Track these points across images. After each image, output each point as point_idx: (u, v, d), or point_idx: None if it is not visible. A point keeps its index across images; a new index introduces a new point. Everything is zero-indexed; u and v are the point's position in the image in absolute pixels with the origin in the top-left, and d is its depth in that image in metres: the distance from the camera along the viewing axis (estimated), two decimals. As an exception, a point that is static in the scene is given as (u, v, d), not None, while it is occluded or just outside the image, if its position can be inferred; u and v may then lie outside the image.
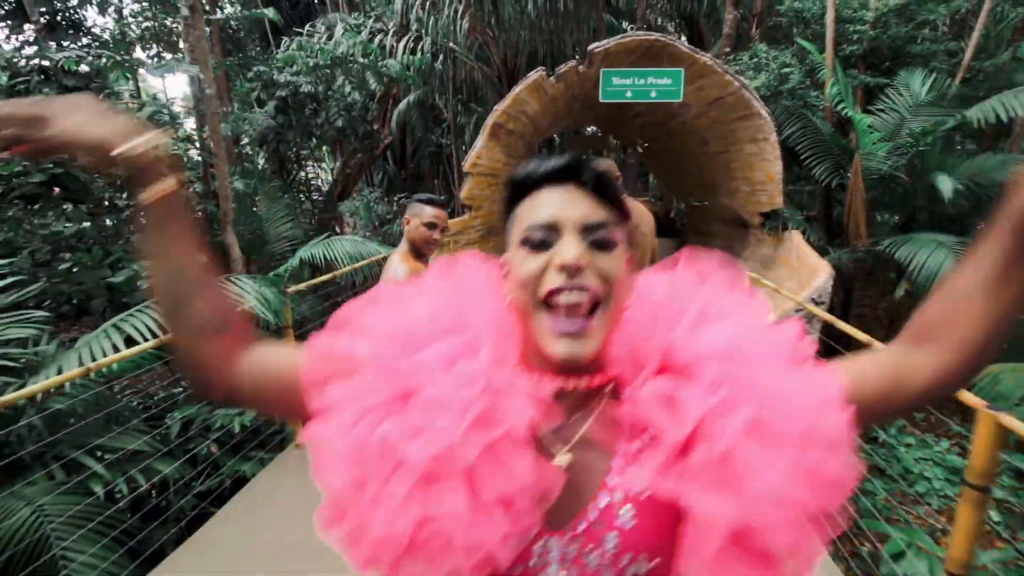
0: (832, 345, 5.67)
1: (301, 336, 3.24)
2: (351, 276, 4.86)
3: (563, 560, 0.57)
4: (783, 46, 8.71)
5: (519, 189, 0.62)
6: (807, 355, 0.60)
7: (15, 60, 5.26)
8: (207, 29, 5.46)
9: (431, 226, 2.02)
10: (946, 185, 5.12)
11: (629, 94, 5.96)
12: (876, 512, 3.97)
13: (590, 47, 5.85)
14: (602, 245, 0.58)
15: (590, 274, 0.56)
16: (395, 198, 7.97)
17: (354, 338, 0.61)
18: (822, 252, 6.60)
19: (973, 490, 1.43)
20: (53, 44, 9.80)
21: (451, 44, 8.05)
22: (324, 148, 9.90)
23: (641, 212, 2.73)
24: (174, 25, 13.77)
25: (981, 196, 5.82)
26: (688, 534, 0.55)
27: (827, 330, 4.13)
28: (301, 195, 7.78)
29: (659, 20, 19.49)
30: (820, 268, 4.46)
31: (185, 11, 5.04)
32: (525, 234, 0.59)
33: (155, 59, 17.64)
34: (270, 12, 6.23)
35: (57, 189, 4.02)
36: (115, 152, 0.58)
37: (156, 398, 3.65)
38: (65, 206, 4.12)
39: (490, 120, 5.93)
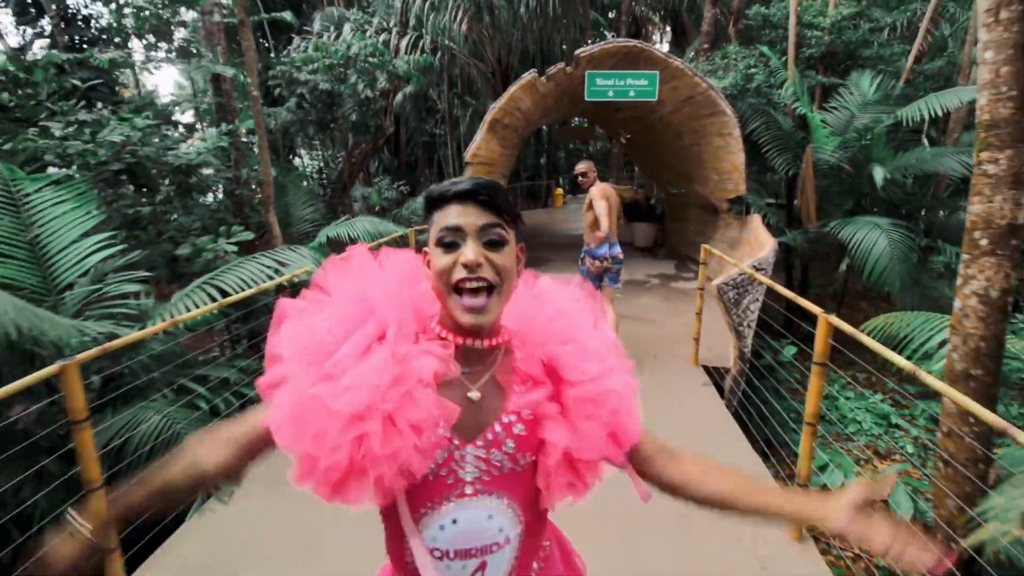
0: (789, 316, 6.54)
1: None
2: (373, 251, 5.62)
3: (476, 459, 0.80)
4: (755, 45, 9.51)
5: (436, 202, 0.79)
6: (621, 354, 0.88)
7: (23, 58, 5.92)
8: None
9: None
10: (879, 175, 5.99)
11: (611, 93, 6.74)
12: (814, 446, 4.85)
13: (577, 51, 6.60)
14: (494, 244, 0.77)
15: (487, 268, 0.75)
16: (397, 185, 8.67)
17: (279, 360, 0.77)
18: (780, 233, 7.49)
19: (818, 366, 2.26)
20: (67, 37, 10.26)
21: (449, 42, 8.73)
22: (318, 138, 10.50)
23: (607, 190, 4.18)
24: (170, 17, 14.13)
25: (911, 184, 6.72)
26: (543, 450, 0.82)
27: (789, 306, 4.99)
28: (313, 182, 8.44)
29: (645, 11, 20.16)
30: (767, 243, 5.31)
31: (218, 16, 5.68)
32: (439, 235, 0.77)
33: (151, 50, 17.98)
34: (288, 15, 6.86)
35: (124, 176, 4.72)
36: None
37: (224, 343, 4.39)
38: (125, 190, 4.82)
39: (488, 116, 6.67)
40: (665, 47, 24.04)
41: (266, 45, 12.42)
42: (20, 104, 6.79)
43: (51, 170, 4.48)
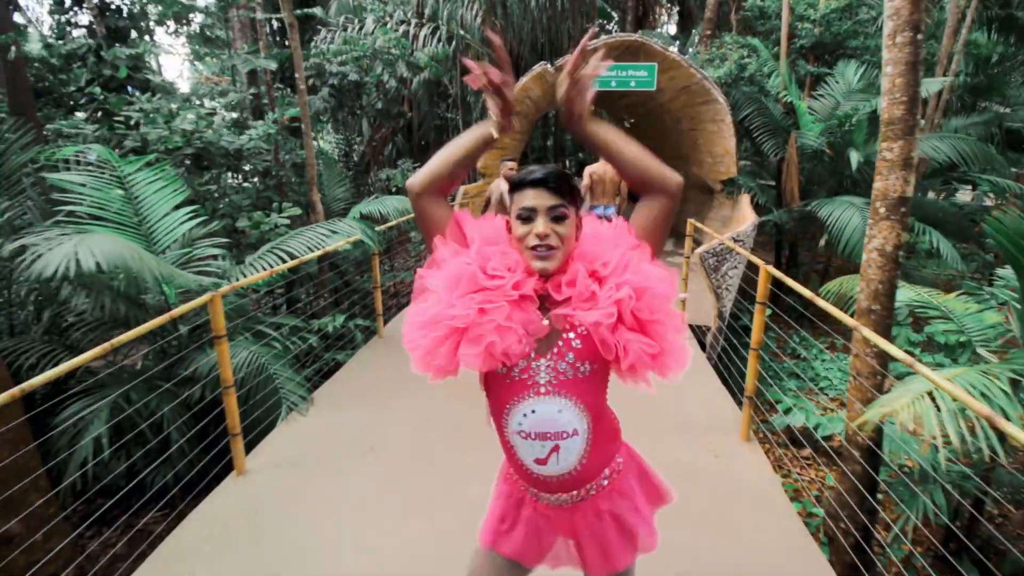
0: (774, 291, 7.25)
1: (383, 254, 4.76)
2: (405, 225, 6.34)
3: (547, 368, 1.07)
4: (752, 34, 10.05)
5: (516, 185, 1.08)
6: (646, 257, 1.08)
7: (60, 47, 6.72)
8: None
9: (511, 168, 4.73)
10: (854, 158, 6.63)
11: (613, 84, 7.37)
12: (786, 397, 5.61)
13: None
14: (559, 219, 1.05)
15: (552, 237, 1.05)
16: (415, 166, 9.36)
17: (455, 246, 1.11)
18: (768, 212, 8.16)
19: (760, 304, 2.99)
20: (104, 28, 10.91)
21: (463, 33, 9.32)
22: (344, 124, 11.17)
23: (595, 168, 5.77)
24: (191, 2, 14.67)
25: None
26: (606, 347, 1.04)
27: (776, 283, 5.69)
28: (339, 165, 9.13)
29: (652, -4, 20.42)
30: (748, 219, 5.99)
31: (260, 13, 6.34)
32: (518, 212, 1.06)
33: (175, 36, 18.54)
34: (317, 10, 7.50)
35: (189, 161, 5.45)
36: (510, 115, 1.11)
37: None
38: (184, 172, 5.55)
39: (501, 104, 7.32)
40: (673, 28, 24.30)
41: (268, 31, 13.01)
42: (56, 90, 7.61)
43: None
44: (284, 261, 4.16)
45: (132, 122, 5.41)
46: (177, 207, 4.18)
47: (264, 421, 3.47)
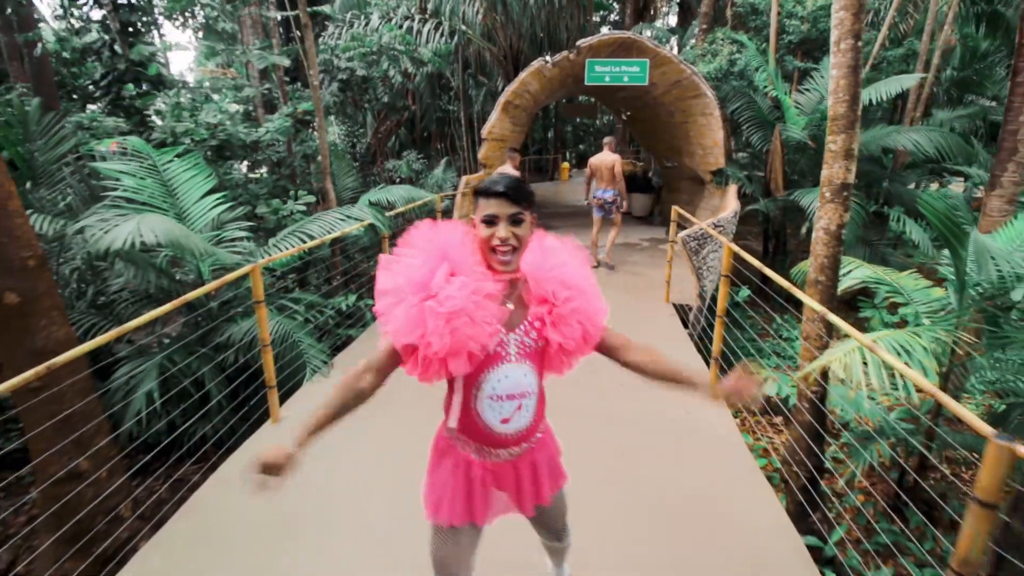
0: (763, 287, 7.67)
1: (392, 238, 5.24)
2: (409, 213, 6.77)
3: (515, 342, 1.31)
4: (743, 30, 10.39)
5: (482, 193, 1.25)
6: (593, 281, 1.38)
7: (72, 41, 7.14)
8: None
9: (512, 158, 5.22)
10: (833, 150, 7.02)
11: (607, 78, 7.76)
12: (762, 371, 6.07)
13: (579, 42, 7.61)
14: (517, 223, 1.24)
15: (512, 239, 1.23)
16: (419, 157, 9.77)
17: (394, 277, 1.25)
18: (755, 201, 8.57)
19: (725, 278, 3.44)
20: (118, 23, 11.28)
21: (465, 28, 9.70)
22: (335, 115, 11.58)
23: (596, 158, 6.60)
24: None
25: (863, 157, 7.75)
26: (547, 343, 1.34)
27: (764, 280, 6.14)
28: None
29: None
30: (730, 208, 6.42)
31: (275, 13, 6.73)
32: (483, 217, 1.24)
33: (180, 28, 18.83)
34: (327, 8, 7.89)
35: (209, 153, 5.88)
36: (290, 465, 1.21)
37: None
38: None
39: (502, 99, 7.73)
40: (673, 20, 24.53)
41: (280, 29, 13.39)
42: (69, 83, 8.06)
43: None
44: (305, 243, 4.62)
45: (156, 115, 5.84)
46: (206, 194, 4.63)
47: (290, 382, 3.94)
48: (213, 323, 4.19)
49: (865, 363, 2.85)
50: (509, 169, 6.14)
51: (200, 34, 19.87)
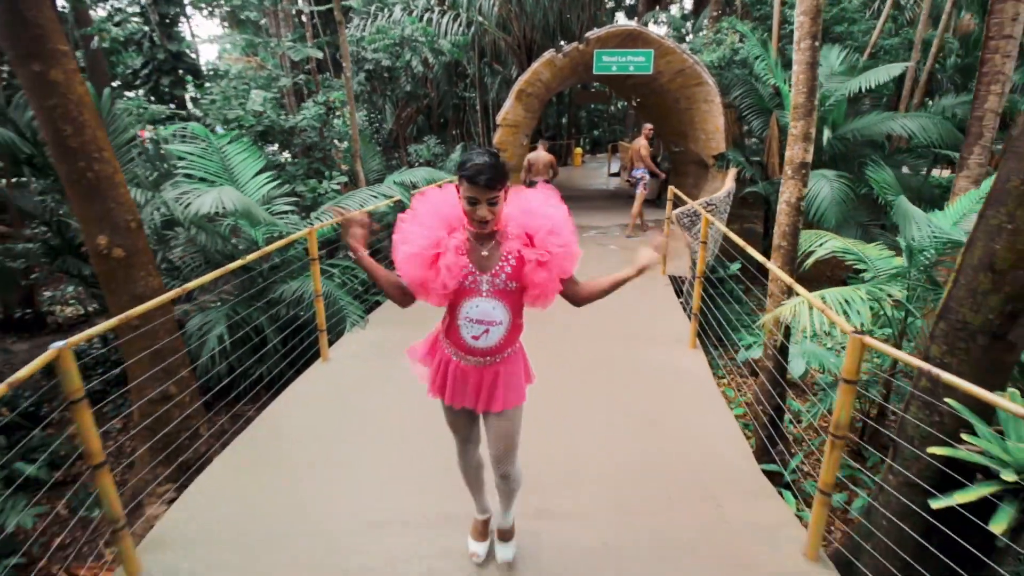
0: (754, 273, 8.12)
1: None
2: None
3: (487, 281, 1.70)
4: (750, 19, 10.76)
5: (468, 178, 1.53)
6: (571, 227, 1.73)
7: (111, 31, 7.89)
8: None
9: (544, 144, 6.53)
10: (825, 135, 7.50)
11: (614, 68, 8.28)
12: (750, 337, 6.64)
13: (587, 34, 8.13)
14: (493, 203, 1.56)
15: (488, 215, 1.58)
16: (437, 142, 10.40)
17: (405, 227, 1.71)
18: (753, 184, 9.06)
19: (702, 244, 4.03)
20: (157, 15, 12.03)
21: (481, 19, 10.24)
22: (362, 103, 12.23)
23: (633, 144, 7.48)
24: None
25: (859, 142, 8.20)
26: (526, 270, 1.70)
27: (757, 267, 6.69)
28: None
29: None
30: (724, 189, 6.96)
31: (307, 7, 7.35)
32: (466, 196, 1.57)
33: (208, 17, 19.55)
34: (353, 2, 8.49)
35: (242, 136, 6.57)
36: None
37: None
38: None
39: (515, 87, 8.31)
40: (689, 4, 24.60)
41: (313, 22, 14.03)
42: (109, 72, 8.79)
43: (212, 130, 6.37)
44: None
45: (191, 102, 6.54)
46: (257, 173, 5.32)
47: (331, 333, 4.65)
48: (266, 283, 4.91)
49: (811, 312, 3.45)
50: (542, 152, 7.80)
51: (226, 24, 20.59)
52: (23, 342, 6.77)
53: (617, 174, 17.24)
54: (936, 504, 2.24)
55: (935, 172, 11.19)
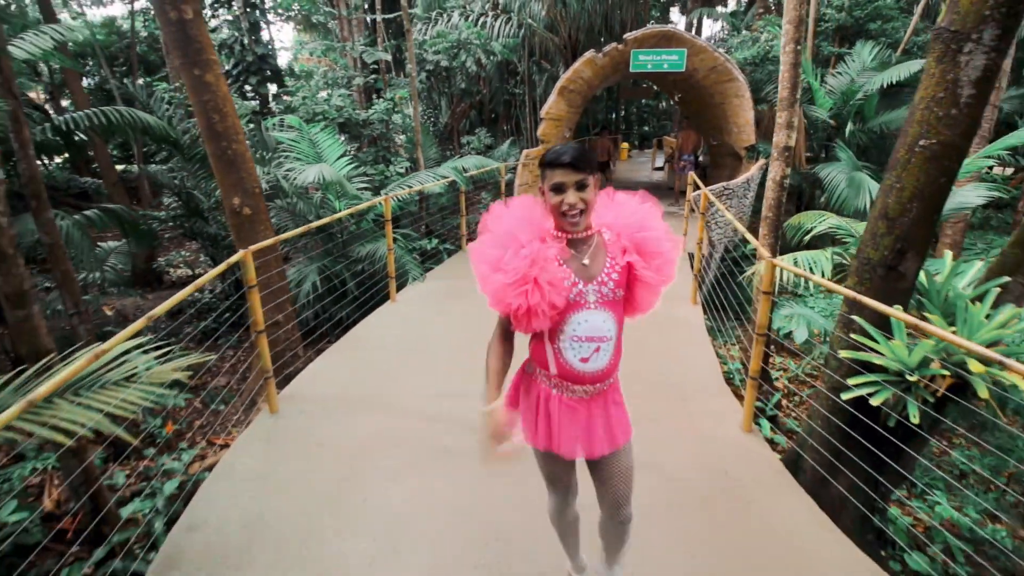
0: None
1: (468, 195, 6.97)
2: (483, 175, 8.48)
3: (594, 291, 1.47)
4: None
5: (549, 164, 1.41)
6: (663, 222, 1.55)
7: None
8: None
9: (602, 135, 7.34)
10: (847, 128, 7.99)
11: (649, 66, 9.04)
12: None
13: (625, 35, 8.93)
14: (582, 187, 1.40)
15: (579, 203, 1.40)
16: (488, 134, 11.45)
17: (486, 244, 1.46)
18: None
19: (701, 215, 4.86)
20: (247, 22, 13.66)
21: (530, 21, 11.19)
22: (423, 100, 13.43)
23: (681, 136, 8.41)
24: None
25: (887, 134, 8.60)
26: (634, 282, 1.52)
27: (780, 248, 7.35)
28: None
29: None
30: (744, 176, 7.61)
31: (379, 16, 8.54)
32: (551, 185, 1.41)
33: (283, 20, 21.45)
34: (417, 10, 9.64)
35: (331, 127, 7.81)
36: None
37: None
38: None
39: (558, 84, 9.22)
40: (732, 4, 24.61)
41: (369, 22, 15.42)
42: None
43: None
44: (408, 190, 6.42)
45: (273, 99, 7.82)
46: (338, 157, 6.52)
47: (397, 282, 5.78)
48: (346, 246, 6.09)
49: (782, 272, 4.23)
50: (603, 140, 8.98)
51: (299, 27, 22.48)
52: (149, 293, 8.34)
53: (661, 168, 17.76)
54: (845, 396, 3.04)
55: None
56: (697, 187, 7.12)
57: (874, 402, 2.86)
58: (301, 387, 3.69)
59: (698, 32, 24.31)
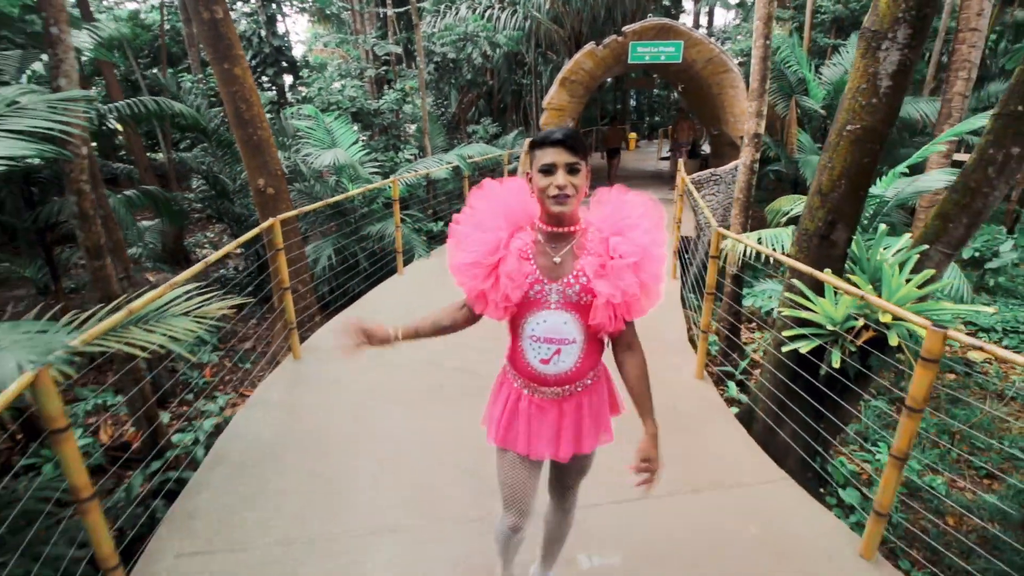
0: None
1: (472, 179, 7.50)
2: (487, 162, 8.99)
3: (557, 291, 1.40)
4: (787, 8, 11.45)
5: (539, 144, 1.33)
6: (663, 236, 1.40)
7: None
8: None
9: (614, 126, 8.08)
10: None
11: (647, 58, 9.43)
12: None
13: (624, 28, 9.33)
14: (574, 171, 1.31)
15: (568, 187, 1.31)
16: (494, 124, 11.93)
17: (460, 231, 1.45)
18: (777, 161, 9.95)
19: (679, 196, 5.34)
20: (265, 15, 14.23)
21: (536, 13, 11.60)
22: (430, 90, 13.92)
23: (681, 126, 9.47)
24: None
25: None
26: (594, 296, 1.38)
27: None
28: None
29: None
30: (732, 163, 8.03)
31: (391, 11, 9.03)
32: (540, 166, 1.31)
33: (298, 12, 21.99)
34: (426, 4, 10.12)
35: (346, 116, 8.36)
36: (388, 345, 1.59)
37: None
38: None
39: (560, 75, 9.66)
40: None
41: (381, 15, 15.89)
42: None
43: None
44: (413, 179, 6.96)
45: (288, 90, 8.37)
46: (351, 144, 7.07)
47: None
48: (358, 224, 6.66)
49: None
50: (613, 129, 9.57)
51: (313, 19, 23.03)
52: (179, 271, 9.03)
53: (667, 157, 18.11)
54: (785, 348, 3.53)
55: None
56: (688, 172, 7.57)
57: (802, 350, 3.35)
58: (319, 340, 4.27)
59: (709, 22, 24.41)
